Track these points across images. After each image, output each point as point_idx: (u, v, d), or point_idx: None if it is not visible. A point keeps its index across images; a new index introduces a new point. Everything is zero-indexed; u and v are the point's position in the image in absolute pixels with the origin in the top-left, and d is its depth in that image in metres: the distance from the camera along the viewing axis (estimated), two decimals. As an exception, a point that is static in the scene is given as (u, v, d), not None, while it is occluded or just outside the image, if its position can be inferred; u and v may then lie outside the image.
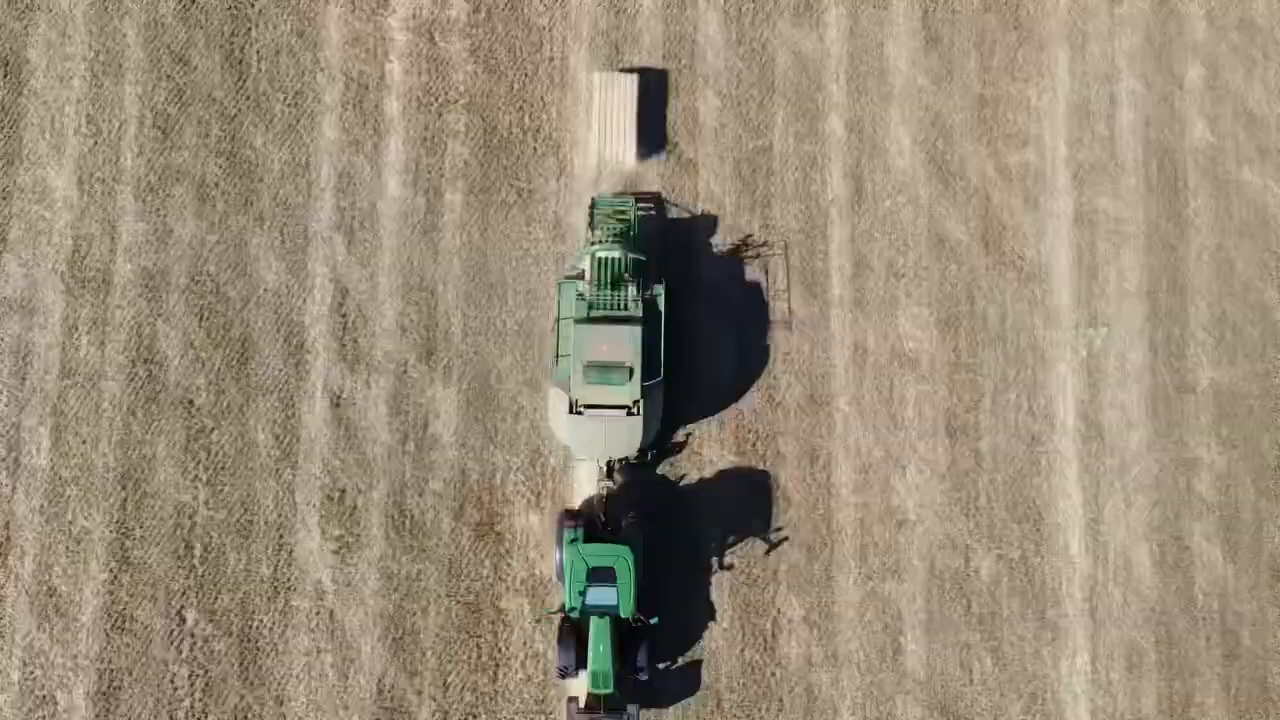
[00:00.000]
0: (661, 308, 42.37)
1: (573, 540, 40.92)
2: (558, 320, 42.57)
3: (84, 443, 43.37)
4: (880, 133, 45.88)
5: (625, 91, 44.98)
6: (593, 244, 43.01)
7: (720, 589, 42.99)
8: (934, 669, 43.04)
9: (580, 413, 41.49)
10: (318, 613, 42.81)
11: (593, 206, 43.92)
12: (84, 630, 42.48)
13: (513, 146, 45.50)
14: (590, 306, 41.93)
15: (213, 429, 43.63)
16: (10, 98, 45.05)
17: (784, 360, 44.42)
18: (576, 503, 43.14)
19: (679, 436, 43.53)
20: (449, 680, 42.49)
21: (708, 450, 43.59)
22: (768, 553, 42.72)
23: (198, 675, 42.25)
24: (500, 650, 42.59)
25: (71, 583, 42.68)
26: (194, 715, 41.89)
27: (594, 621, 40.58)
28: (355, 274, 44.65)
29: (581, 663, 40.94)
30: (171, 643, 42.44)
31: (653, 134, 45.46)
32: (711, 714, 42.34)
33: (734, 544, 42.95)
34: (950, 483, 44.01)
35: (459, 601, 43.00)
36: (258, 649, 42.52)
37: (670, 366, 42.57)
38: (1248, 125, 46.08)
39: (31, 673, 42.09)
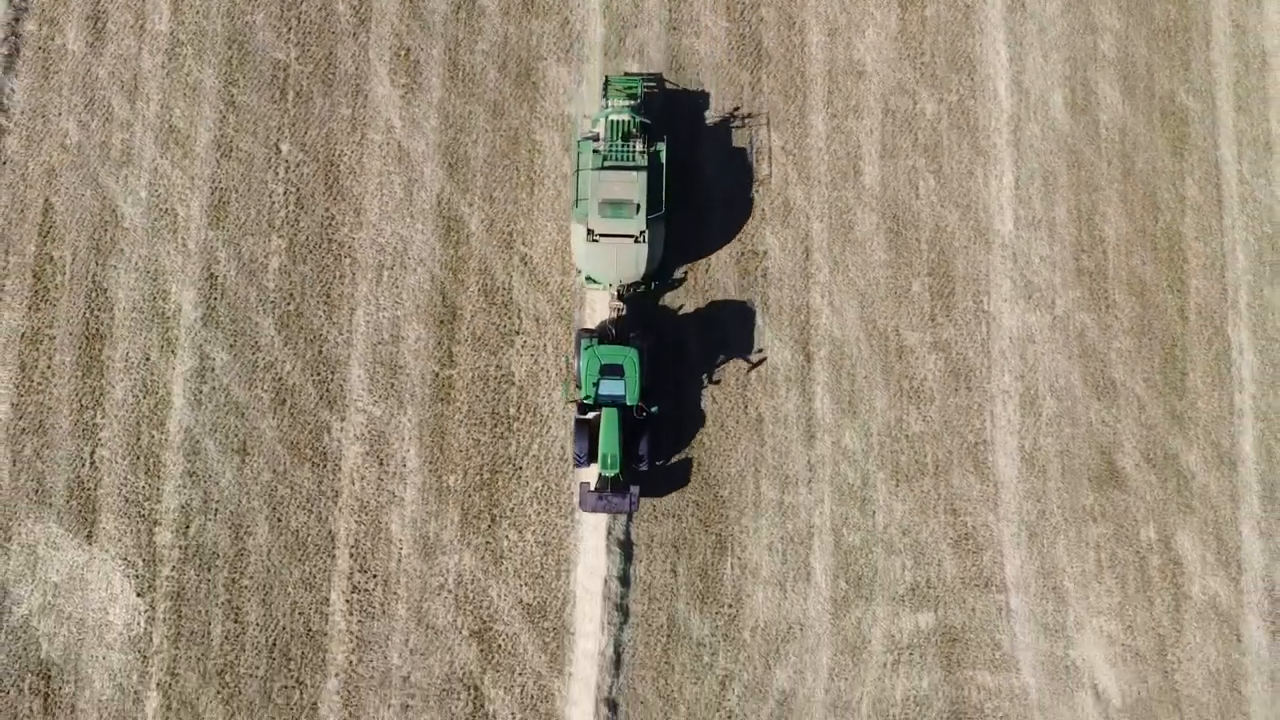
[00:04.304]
0: (663, 160, 43.74)
1: (588, 346, 42.58)
2: (576, 171, 43.87)
3: (197, 12, 46.14)
4: None
5: None
6: (606, 110, 44.64)
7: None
8: (887, 186, 45.77)
9: (596, 241, 43.05)
10: (388, 144, 45.61)
11: (606, 83, 45.30)
12: (198, 158, 45.43)
13: None
14: (604, 158, 43.43)
15: (302, 1, 46.54)
16: None
17: (766, -52, 47.68)
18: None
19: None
20: (494, 195, 45.41)
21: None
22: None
23: (291, 192, 45.26)
24: (535, 172, 45.53)
25: (188, 121, 45.68)
26: (288, 222, 44.98)
27: (605, 412, 42.38)
28: (416, -117, 47.47)
29: (593, 455, 42.66)
30: (269, 167, 45.36)
31: None
32: (706, 215, 45.49)
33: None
34: (901, 42, 46.60)
35: (502, 134, 45.77)
36: (339, 172, 45.38)
37: (670, 207, 43.98)
38: None
39: (156, 190, 45.15)
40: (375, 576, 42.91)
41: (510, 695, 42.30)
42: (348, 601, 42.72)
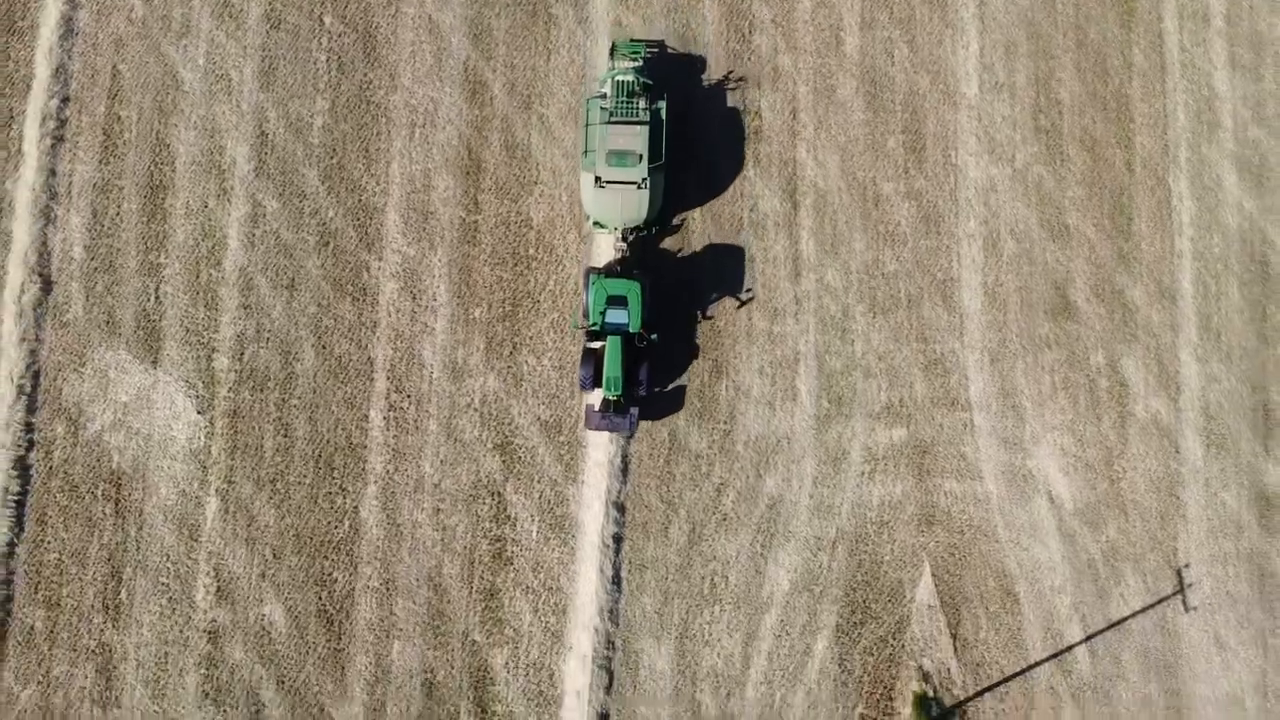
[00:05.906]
0: (663, 116, 46.21)
1: (595, 280, 45.08)
2: (586, 126, 46.41)
3: (248, -99, 49.62)
4: None
5: None
6: (613, 70, 47.12)
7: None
8: (865, 54, 48.93)
9: (603, 187, 45.57)
10: (420, 17, 48.92)
11: (613, 48, 47.83)
12: (250, 29, 48.78)
13: None
14: (610, 114, 45.91)
15: (341, -109, 49.97)
16: None
17: None
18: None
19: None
20: (515, 62, 48.67)
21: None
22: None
23: (333, 60, 48.54)
24: (551, 42, 48.81)
25: (240, -4, 49.19)
26: (331, 86, 48.24)
27: (610, 339, 44.90)
28: None
29: (597, 381, 45.31)
30: (314, 37, 48.67)
31: None
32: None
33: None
34: (877, -56, 49.60)
35: (522, 8, 48.99)
36: (376, 41, 48.64)
37: (669, 158, 46.85)
38: None
39: (213, 58, 48.45)
40: (409, 396, 46.48)
41: (530, 499, 45.94)
42: (385, 418, 46.31)
